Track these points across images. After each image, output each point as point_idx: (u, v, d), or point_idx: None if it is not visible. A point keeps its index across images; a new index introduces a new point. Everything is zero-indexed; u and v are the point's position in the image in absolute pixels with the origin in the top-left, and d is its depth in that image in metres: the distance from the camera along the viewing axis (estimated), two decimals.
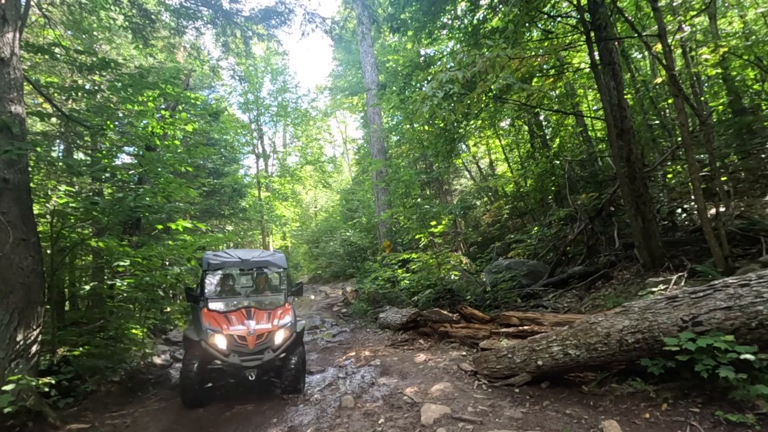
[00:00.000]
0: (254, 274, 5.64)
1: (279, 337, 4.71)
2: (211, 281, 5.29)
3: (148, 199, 6.01)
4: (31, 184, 5.08)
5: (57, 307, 6.91)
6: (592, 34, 6.35)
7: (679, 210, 7.89)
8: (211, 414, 4.46)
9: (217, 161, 15.52)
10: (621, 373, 3.75)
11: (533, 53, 7.00)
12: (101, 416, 4.74)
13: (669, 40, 5.52)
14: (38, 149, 5.43)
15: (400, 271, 10.44)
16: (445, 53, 10.85)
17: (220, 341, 4.49)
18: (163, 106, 9.24)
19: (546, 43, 8.26)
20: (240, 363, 4.44)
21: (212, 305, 4.93)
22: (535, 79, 9.04)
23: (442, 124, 9.15)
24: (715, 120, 8.71)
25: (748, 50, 7.64)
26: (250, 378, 4.48)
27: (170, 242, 7.12)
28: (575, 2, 6.52)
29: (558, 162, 11.72)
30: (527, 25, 7.30)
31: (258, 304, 5.03)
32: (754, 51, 7.63)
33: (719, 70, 8.29)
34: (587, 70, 9.28)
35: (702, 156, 7.34)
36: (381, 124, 15.41)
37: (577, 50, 9.33)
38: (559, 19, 7.94)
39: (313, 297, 17.17)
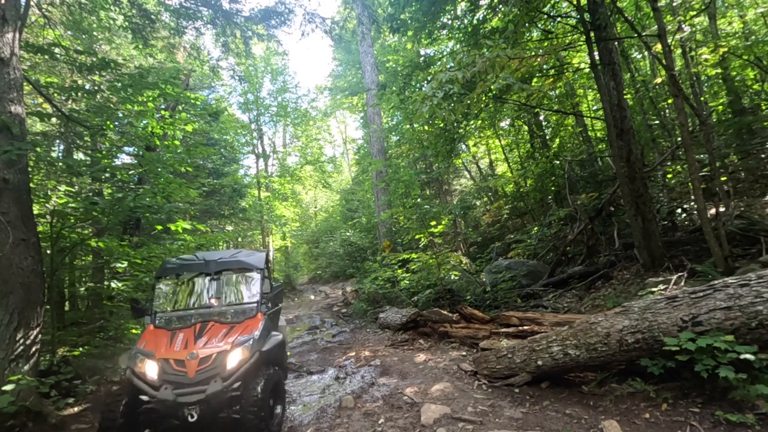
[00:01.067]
0: (221, 278, 4.41)
1: (232, 361, 3.50)
2: (165, 290, 4.30)
3: (148, 199, 6.02)
4: (31, 184, 5.08)
5: (57, 307, 6.93)
6: (592, 34, 6.35)
7: (679, 210, 7.89)
8: None
9: (217, 161, 15.54)
10: (621, 373, 3.75)
11: (533, 53, 7.00)
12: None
13: (669, 40, 5.52)
14: (38, 149, 5.43)
15: (400, 271, 10.44)
16: (445, 53, 10.86)
17: (150, 369, 3.40)
18: (163, 106, 9.25)
19: (546, 43, 8.26)
20: (174, 398, 3.26)
21: (159, 321, 3.97)
22: (535, 79, 9.04)
23: (442, 124, 9.15)
24: (715, 120, 8.71)
25: (748, 50, 7.64)
26: (190, 419, 3.29)
27: (168, 244, 7.13)
28: (575, 2, 6.52)
29: (558, 162, 11.72)
30: (527, 25, 7.30)
31: (219, 317, 3.99)
32: (753, 51, 7.64)
33: (719, 70, 8.30)
34: (587, 70, 9.28)
35: (702, 156, 7.34)
36: (381, 124, 15.42)
37: (577, 50, 9.33)
38: (559, 19, 7.94)
39: (313, 297, 17.20)
